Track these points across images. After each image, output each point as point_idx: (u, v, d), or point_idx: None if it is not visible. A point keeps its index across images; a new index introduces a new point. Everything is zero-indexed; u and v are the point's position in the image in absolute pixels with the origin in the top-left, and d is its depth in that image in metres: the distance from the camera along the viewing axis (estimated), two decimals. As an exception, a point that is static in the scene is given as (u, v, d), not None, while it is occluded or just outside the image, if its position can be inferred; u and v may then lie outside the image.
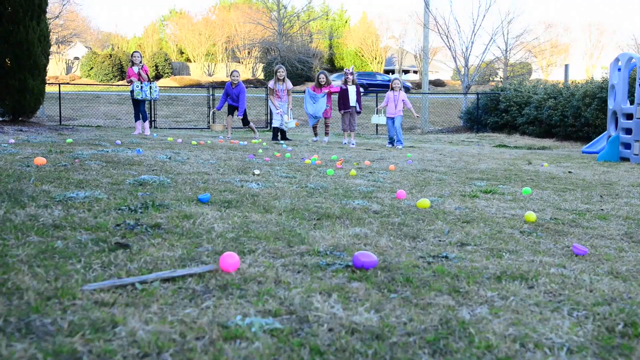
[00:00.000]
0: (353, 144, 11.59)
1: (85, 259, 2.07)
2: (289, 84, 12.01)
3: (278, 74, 11.83)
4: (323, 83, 12.23)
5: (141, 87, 12.01)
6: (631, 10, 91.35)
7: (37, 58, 12.19)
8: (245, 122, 12.48)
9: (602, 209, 4.08)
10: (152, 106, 18.68)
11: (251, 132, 13.44)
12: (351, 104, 11.94)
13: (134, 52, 12.49)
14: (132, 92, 12.05)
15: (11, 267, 1.91)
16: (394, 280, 2.04)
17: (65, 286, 1.75)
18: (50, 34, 13.83)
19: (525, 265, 2.35)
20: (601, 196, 4.80)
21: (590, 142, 12.70)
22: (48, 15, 13.82)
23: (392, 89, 11.85)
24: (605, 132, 11.14)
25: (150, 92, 12.21)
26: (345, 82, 12.17)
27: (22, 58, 11.93)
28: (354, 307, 1.74)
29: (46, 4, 12.66)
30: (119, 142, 8.15)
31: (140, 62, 12.20)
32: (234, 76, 12.12)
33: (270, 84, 11.95)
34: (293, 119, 12.38)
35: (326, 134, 12.44)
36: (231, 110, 12.26)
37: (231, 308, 1.68)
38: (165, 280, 1.89)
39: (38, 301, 1.63)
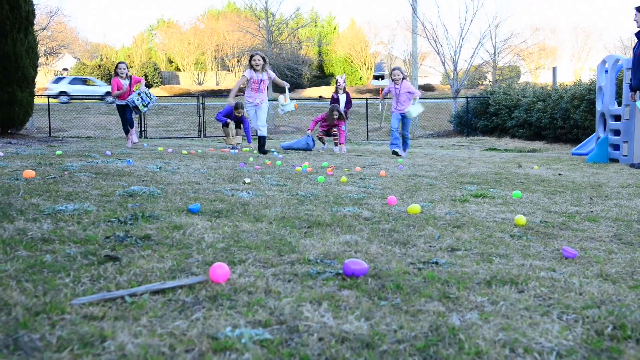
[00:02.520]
0: (344, 150, 11.49)
1: (74, 272, 2.06)
2: (270, 73, 9.88)
3: (253, 61, 9.62)
4: (336, 117, 11.18)
5: (139, 94, 10.68)
6: (617, 12, 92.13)
7: (25, 70, 12.17)
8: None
9: (592, 211, 4.10)
10: (142, 116, 18.63)
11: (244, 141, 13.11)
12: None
13: (119, 63, 11.12)
14: (132, 104, 10.66)
15: (-1, 282, 1.90)
16: (384, 288, 2.04)
17: (54, 301, 1.75)
18: (39, 45, 13.80)
19: (515, 269, 2.36)
20: (591, 198, 4.82)
21: (580, 144, 12.78)
22: (36, 27, 13.79)
23: (393, 80, 10.28)
24: (594, 133, 11.20)
25: (149, 97, 10.93)
26: (337, 91, 11.87)
27: (10, 71, 11.90)
28: (344, 316, 1.74)
29: (33, 16, 12.65)
30: (109, 152, 8.13)
31: (127, 75, 10.90)
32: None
33: (246, 73, 9.67)
34: (291, 100, 10.17)
35: (339, 143, 11.37)
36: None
37: (221, 319, 1.68)
38: (155, 292, 1.88)
39: (26, 317, 1.62)
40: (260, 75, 9.59)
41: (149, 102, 10.93)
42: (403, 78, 10.26)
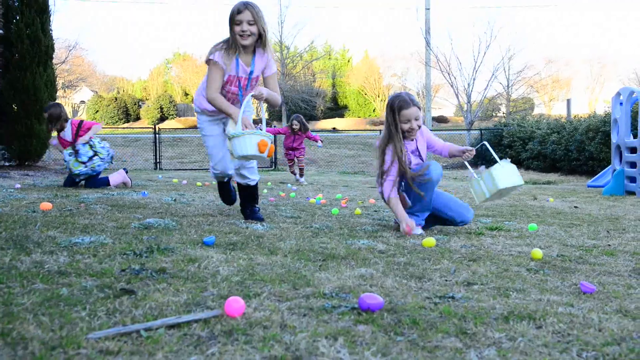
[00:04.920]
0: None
1: (90, 306, 2.06)
2: (269, 55, 4.50)
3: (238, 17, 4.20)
4: (296, 129, 11.16)
5: (74, 152, 7.65)
6: (631, 44, 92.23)
7: (43, 103, 12.36)
8: None
9: (609, 245, 4.05)
10: (157, 147, 18.72)
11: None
12: None
13: (55, 109, 7.76)
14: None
15: (16, 316, 1.91)
16: (401, 322, 2.02)
17: (70, 335, 1.75)
18: (57, 78, 14.03)
19: (532, 304, 2.33)
20: (608, 231, 4.77)
21: (595, 176, 12.70)
22: (54, 61, 14.05)
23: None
24: (610, 165, 11.14)
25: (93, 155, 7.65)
26: None
27: (29, 104, 12.12)
28: (360, 352, 1.73)
29: (53, 50, 12.91)
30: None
31: (66, 121, 7.81)
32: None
33: (216, 55, 4.27)
34: (254, 131, 4.14)
35: (301, 175, 11.41)
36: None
37: (237, 354, 1.67)
38: (171, 326, 1.88)
39: (43, 351, 1.62)
40: (240, 59, 4.35)
41: (90, 159, 7.69)
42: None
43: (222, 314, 2.02)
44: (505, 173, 4.14)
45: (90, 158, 7.60)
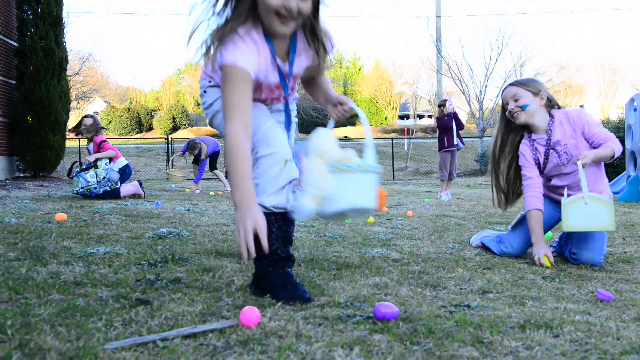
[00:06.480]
0: (450, 198, 9.77)
1: (106, 316, 2.07)
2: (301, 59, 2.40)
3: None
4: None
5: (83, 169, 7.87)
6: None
7: (57, 114, 12.51)
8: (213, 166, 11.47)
9: (625, 252, 4.02)
10: (170, 157, 18.78)
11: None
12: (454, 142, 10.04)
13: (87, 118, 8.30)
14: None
15: (33, 326, 1.92)
16: (416, 332, 2.01)
17: (86, 345, 1.76)
18: (71, 90, 14.16)
19: (549, 312, 2.31)
20: (624, 238, 4.73)
21: (610, 183, 12.60)
22: (68, 72, 14.17)
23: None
24: (625, 172, 11.05)
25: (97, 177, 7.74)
26: (444, 113, 10.22)
27: (43, 115, 12.25)
28: (376, 361, 1.72)
29: (67, 62, 13.05)
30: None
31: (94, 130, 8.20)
32: None
33: (237, 56, 2.17)
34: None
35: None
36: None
37: (253, 364, 1.67)
38: (186, 336, 1.88)
39: (60, 361, 1.63)
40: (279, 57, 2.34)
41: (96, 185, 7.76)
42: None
43: (238, 323, 2.02)
44: (581, 214, 3.34)
45: (87, 180, 7.70)
